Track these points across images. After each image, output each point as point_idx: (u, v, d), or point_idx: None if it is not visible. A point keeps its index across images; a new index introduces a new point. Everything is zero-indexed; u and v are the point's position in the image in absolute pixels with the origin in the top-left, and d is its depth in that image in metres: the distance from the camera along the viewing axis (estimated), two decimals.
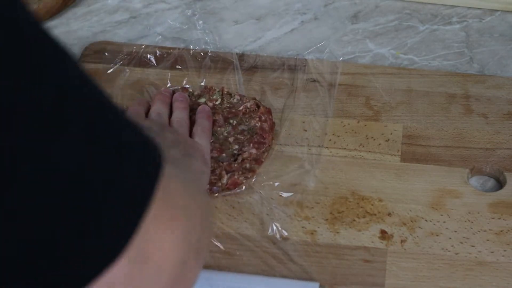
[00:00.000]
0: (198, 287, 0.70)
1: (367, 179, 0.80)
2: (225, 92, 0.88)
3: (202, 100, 0.88)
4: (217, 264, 0.73)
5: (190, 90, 0.89)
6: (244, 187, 0.79)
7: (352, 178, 0.80)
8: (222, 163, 0.81)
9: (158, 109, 0.84)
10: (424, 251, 0.74)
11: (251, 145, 0.83)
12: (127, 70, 0.91)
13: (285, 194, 0.79)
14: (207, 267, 0.72)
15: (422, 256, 0.74)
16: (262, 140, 0.83)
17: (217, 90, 0.89)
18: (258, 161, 0.82)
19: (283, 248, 0.74)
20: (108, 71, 0.91)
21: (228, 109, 0.87)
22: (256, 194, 0.79)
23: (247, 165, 0.81)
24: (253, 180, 0.80)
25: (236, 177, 0.79)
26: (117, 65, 0.92)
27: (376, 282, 0.72)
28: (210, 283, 0.70)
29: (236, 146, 0.83)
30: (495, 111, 0.87)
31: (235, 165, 0.81)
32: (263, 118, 0.85)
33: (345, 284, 0.72)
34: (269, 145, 0.83)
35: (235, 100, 0.88)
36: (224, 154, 0.82)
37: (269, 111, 0.86)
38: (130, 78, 0.90)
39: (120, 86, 0.89)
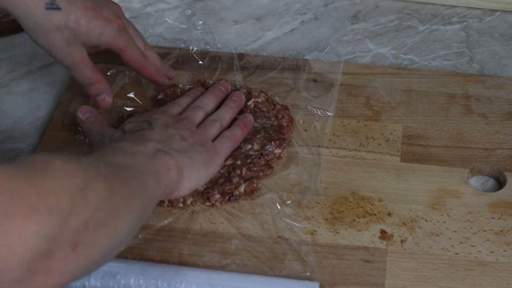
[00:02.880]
0: (198, 287, 0.70)
1: (367, 179, 0.80)
2: None
3: None
4: (217, 264, 0.73)
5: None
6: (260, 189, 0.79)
7: (352, 178, 0.80)
8: (241, 171, 0.79)
9: (201, 102, 0.82)
10: (424, 251, 0.74)
11: (272, 142, 0.82)
12: (127, 70, 0.91)
13: (285, 194, 0.79)
14: (207, 267, 0.72)
15: (422, 256, 0.74)
16: (282, 136, 0.83)
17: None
18: (278, 157, 0.82)
19: (283, 248, 0.74)
20: (108, 72, 0.91)
21: None
22: (256, 194, 0.79)
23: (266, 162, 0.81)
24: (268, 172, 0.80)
25: (254, 185, 0.78)
26: (117, 66, 0.91)
27: (376, 282, 0.72)
28: (210, 283, 0.70)
29: (249, 146, 0.82)
30: (495, 111, 0.87)
31: (255, 168, 0.80)
32: (279, 116, 0.84)
33: (345, 284, 0.72)
34: (289, 141, 0.83)
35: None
36: (239, 162, 0.80)
37: (285, 107, 0.86)
38: (131, 78, 0.90)
39: (120, 86, 0.89)
